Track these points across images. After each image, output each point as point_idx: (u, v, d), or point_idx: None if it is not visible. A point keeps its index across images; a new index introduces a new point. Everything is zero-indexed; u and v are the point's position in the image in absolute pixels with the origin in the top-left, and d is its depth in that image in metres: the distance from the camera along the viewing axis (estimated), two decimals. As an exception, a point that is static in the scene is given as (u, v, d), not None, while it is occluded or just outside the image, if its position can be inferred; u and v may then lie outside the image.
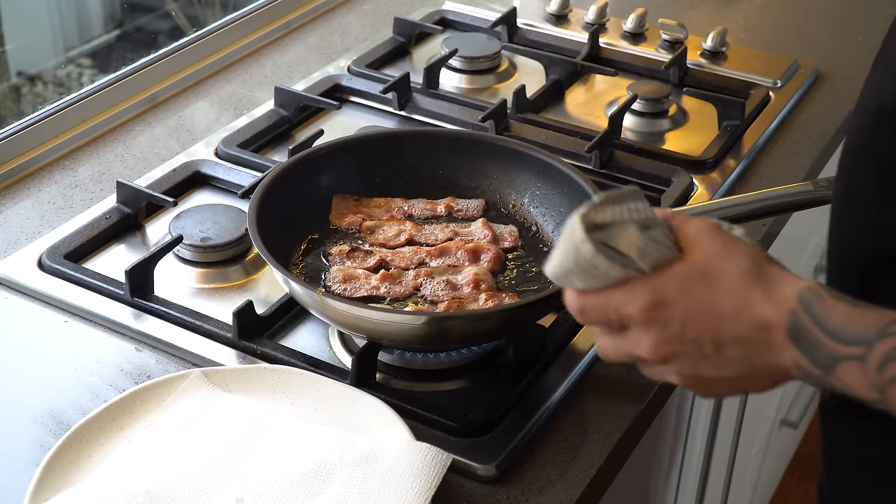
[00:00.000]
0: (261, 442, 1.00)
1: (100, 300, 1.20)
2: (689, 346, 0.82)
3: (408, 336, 1.07)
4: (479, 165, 1.30)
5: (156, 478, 0.96)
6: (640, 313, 0.81)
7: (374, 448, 0.98)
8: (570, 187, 1.23)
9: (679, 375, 0.84)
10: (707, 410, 1.50)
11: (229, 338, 1.15)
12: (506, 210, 1.29)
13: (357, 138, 1.34)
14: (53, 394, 1.10)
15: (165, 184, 1.38)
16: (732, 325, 0.80)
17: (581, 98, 1.65)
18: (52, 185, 1.42)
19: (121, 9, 2.14)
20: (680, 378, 0.84)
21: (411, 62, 1.72)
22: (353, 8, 1.90)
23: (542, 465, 1.04)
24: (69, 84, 1.99)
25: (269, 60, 1.73)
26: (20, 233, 1.33)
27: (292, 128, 1.54)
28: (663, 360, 0.83)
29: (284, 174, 1.22)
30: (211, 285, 1.25)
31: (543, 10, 1.85)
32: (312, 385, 1.07)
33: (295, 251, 1.22)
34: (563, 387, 1.11)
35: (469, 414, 1.06)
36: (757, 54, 1.74)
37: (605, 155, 1.45)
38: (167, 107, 1.60)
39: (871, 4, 1.96)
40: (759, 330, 0.80)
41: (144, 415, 1.04)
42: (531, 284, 1.19)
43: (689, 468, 1.58)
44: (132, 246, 1.31)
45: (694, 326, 0.81)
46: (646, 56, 1.73)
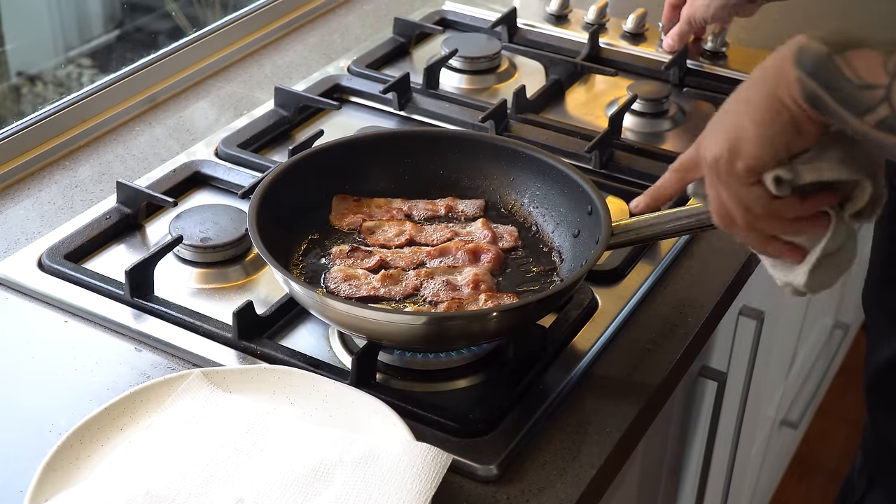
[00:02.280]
0: (261, 442, 1.00)
1: (100, 300, 1.20)
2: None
3: (408, 336, 1.07)
4: (479, 165, 1.30)
5: (156, 478, 0.96)
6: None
7: (374, 448, 0.98)
8: (570, 187, 1.23)
9: None
10: (707, 410, 1.50)
11: (229, 338, 1.15)
12: (506, 210, 1.29)
13: (357, 138, 1.34)
14: (53, 394, 1.10)
15: (165, 184, 1.38)
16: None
17: (581, 98, 1.65)
18: (52, 185, 1.42)
19: (121, 9, 2.14)
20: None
21: (411, 62, 1.72)
22: (353, 8, 1.90)
23: (542, 465, 1.04)
24: (69, 84, 1.99)
25: (269, 60, 1.73)
26: (20, 233, 1.33)
27: (292, 128, 1.54)
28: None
29: (284, 174, 1.22)
30: (211, 285, 1.25)
31: (543, 10, 1.85)
32: (312, 385, 1.07)
33: (295, 251, 1.22)
34: (562, 387, 1.11)
35: (469, 414, 1.06)
36: (757, 54, 1.74)
37: (605, 155, 1.45)
38: (167, 107, 1.60)
39: (871, 4, 1.96)
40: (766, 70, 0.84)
41: (144, 415, 1.04)
42: (531, 284, 1.19)
43: (689, 468, 1.58)
44: (132, 246, 1.31)
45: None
46: (646, 56, 1.73)
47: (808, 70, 0.81)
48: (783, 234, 0.91)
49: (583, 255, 1.17)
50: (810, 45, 0.81)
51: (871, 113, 0.78)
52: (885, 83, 0.78)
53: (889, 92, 0.78)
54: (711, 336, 1.33)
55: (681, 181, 0.96)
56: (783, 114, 0.83)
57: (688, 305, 1.24)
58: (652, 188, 1.00)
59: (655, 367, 1.16)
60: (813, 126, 0.83)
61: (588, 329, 1.18)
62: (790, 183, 0.86)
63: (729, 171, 0.87)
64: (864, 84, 0.79)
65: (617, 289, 1.24)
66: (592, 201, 1.18)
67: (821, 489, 2.62)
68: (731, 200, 0.89)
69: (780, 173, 0.85)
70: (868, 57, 0.79)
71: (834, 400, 2.79)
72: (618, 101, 1.58)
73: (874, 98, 0.78)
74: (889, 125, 0.78)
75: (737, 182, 0.87)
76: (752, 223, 0.90)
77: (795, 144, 0.85)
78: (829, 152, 0.86)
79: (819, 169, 0.86)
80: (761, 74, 0.85)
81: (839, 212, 0.90)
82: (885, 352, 1.19)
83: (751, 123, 0.84)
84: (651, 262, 1.28)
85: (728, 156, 0.86)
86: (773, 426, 2.22)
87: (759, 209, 0.88)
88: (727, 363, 1.56)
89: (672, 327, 1.21)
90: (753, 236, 0.92)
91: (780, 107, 0.83)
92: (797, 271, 0.92)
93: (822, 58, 0.80)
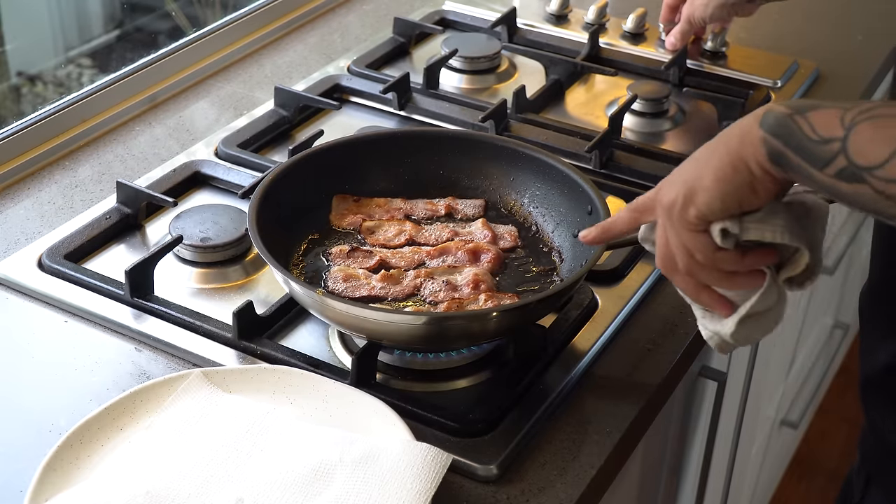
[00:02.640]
0: (261, 442, 1.00)
1: (100, 300, 1.20)
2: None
3: (408, 336, 1.07)
4: (479, 165, 1.30)
5: (156, 478, 0.96)
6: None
7: (374, 448, 0.98)
8: (570, 187, 1.23)
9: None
10: (707, 410, 1.50)
11: (229, 338, 1.15)
12: (506, 210, 1.29)
13: (357, 138, 1.34)
14: (53, 394, 1.10)
15: (165, 184, 1.38)
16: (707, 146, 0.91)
17: (581, 98, 1.65)
18: (52, 185, 1.42)
19: (121, 9, 2.14)
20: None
21: (411, 62, 1.72)
22: (353, 8, 1.90)
23: (542, 465, 1.04)
24: (69, 84, 1.99)
25: (269, 60, 1.73)
26: (20, 233, 1.33)
27: (292, 128, 1.54)
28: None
29: (284, 174, 1.22)
30: (211, 285, 1.25)
31: (543, 10, 1.85)
32: (312, 385, 1.07)
33: (295, 251, 1.22)
34: (562, 387, 1.11)
35: (469, 414, 1.06)
36: (757, 54, 1.74)
37: (605, 155, 1.45)
38: (167, 107, 1.60)
39: (871, 4, 1.96)
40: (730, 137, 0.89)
41: (144, 415, 1.04)
42: (531, 284, 1.19)
43: (689, 468, 1.58)
44: (132, 246, 1.31)
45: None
46: (646, 56, 1.73)
47: (771, 130, 0.86)
48: (720, 286, 0.96)
49: (583, 255, 1.17)
50: (774, 109, 0.86)
51: (830, 165, 0.83)
52: (841, 136, 0.82)
53: (845, 143, 0.82)
54: (711, 336, 1.33)
55: (634, 221, 1.01)
56: (743, 172, 0.88)
57: (688, 305, 1.24)
58: (604, 222, 1.05)
59: (655, 367, 1.16)
60: (770, 187, 0.88)
61: (588, 329, 1.18)
62: (735, 237, 0.91)
63: (681, 216, 0.92)
64: (822, 139, 0.83)
65: (617, 289, 1.24)
66: (592, 201, 1.18)
67: (821, 489, 2.62)
68: (677, 245, 0.94)
69: (728, 226, 0.90)
70: (826, 114, 0.84)
71: (834, 400, 2.79)
72: (618, 101, 1.58)
73: (832, 150, 0.83)
74: (848, 174, 0.82)
75: (685, 228, 0.92)
76: (691, 270, 0.94)
77: (748, 203, 0.89)
78: (777, 217, 0.91)
79: (764, 230, 0.90)
80: (728, 133, 0.90)
81: (774, 273, 0.94)
82: (884, 353, 1.19)
83: (710, 176, 0.89)
84: (651, 262, 1.28)
85: (682, 201, 0.91)
86: (773, 426, 2.22)
87: (702, 257, 0.93)
88: (727, 363, 1.56)
89: (672, 327, 1.21)
90: (691, 283, 0.96)
91: (741, 165, 0.88)
92: (725, 323, 0.97)
93: (783, 118, 0.85)
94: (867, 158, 0.81)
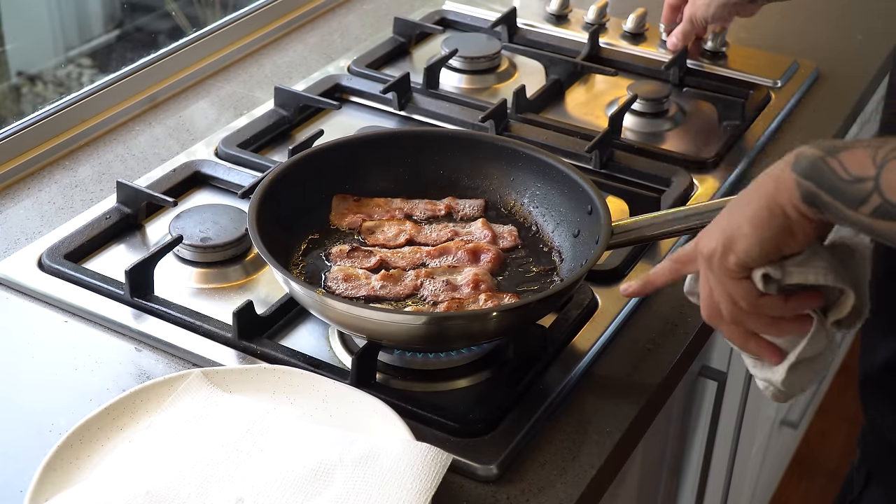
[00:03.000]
0: (261, 442, 1.00)
1: (100, 300, 1.20)
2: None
3: (408, 336, 1.07)
4: (479, 165, 1.30)
5: (156, 478, 0.96)
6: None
7: (374, 448, 0.98)
8: (570, 187, 1.23)
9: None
10: (707, 410, 1.50)
11: (229, 338, 1.15)
12: (506, 210, 1.29)
13: (357, 138, 1.34)
14: (53, 394, 1.10)
15: (165, 184, 1.38)
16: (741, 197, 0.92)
17: (581, 98, 1.65)
18: (52, 185, 1.42)
19: (121, 9, 2.14)
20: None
21: (411, 62, 1.72)
22: (353, 8, 1.90)
23: (542, 465, 1.04)
24: (69, 84, 1.99)
25: (269, 60, 1.73)
26: (20, 233, 1.33)
27: (292, 128, 1.54)
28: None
29: (284, 174, 1.22)
30: (211, 285, 1.25)
31: (543, 10, 1.85)
32: (312, 385, 1.07)
33: (295, 251, 1.22)
34: (562, 387, 1.11)
35: (469, 414, 1.06)
36: (757, 54, 1.74)
37: (605, 155, 1.45)
38: (167, 107, 1.60)
39: (871, 4, 1.96)
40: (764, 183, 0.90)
41: (144, 415, 1.04)
42: (531, 284, 1.19)
43: (689, 468, 1.58)
44: (132, 246, 1.31)
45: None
46: (646, 56, 1.73)
47: (803, 173, 0.86)
48: (768, 333, 0.96)
49: (583, 255, 1.17)
50: (806, 152, 0.87)
51: (865, 204, 0.83)
52: (873, 174, 0.83)
53: (878, 181, 0.82)
54: (711, 336, 1.33)
55: (676, 272, 1.02)
56: (779, 217, 0.88)
57: (688, 305, 1.23)
58: (646, 274, 1.05)
59: (655, 367, 1.16)
60: (808, 229, 0.89)
61: (588, 329, 1.18)
62: (777, 282, 0.91)
63: (721, 264, 0.92)
64: (854, 178, 0.84)
65: (617, 289, 1.24)
66: (592, 201, 1.18)
67: (821, 489, 2.62)
68: (721, 294, 0.94)
69: (769, 271, 0.90)
70: (857, 154, 0.84)
71: (834, 400, 2.79)
72: (618, 100, 1.58)
73: (865, 190, 0.83)
74: (883, 212, 0.83)
75: (727, 276, 0.92)
76: (736, 317, 0.95)
77: (787, 247, 0.90)
78: (819, 259, 0.91)
79: (806, 273, 0.90)
80: (763, 179, 0.90)
81: (821, 317, 0.94)
82: (884, 350, 1.19)
83: (748, 223, 0.90)
84: (651, 262, 1.28)
85: (722, 250, 0.91)
86: (773, 426, 2.22)
87: (746, 304, 0.93)
88: (727, 363, 1.56)
89: (672, 327, 1.21)
90: (737, 332, 0.96)
91: (777, 210, 0.88)
92: (776, 371, 0.97)
93: (815, 160, 0.86)
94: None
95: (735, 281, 0.92)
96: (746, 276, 0.91)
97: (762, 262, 0.90)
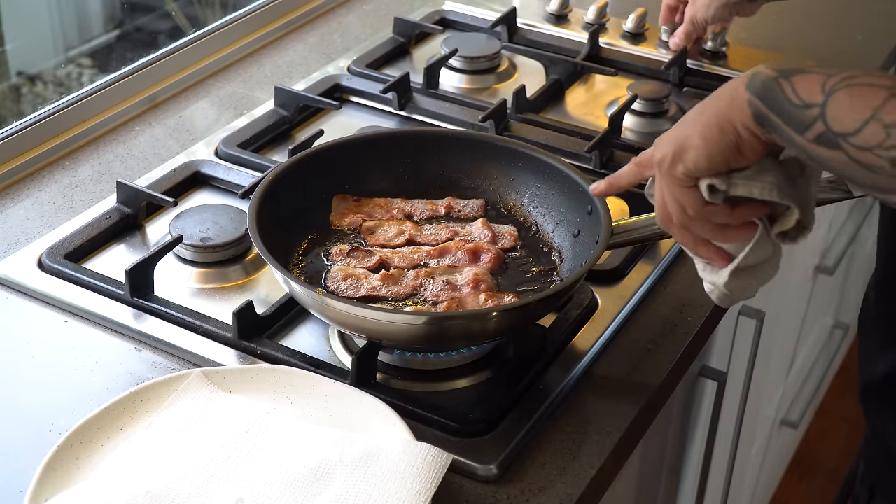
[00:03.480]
0: (261, 442, 1.00)
1: (100, 300, 1.20)
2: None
3: (408, 336, 1.07)
4: (479, 165, 1.30)
5: (156, 478, 0.96)
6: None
7: (374, 448, 0.98)
8: (570, 187, 1.23)
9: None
10: (707, 410, 1.50)
11: (229, 338, 1.15)
12: (506, 210, 1.29)
13: (357, 138, 1.34)
14: (53, 394, 1.10)
15: (165, 184, 1.38)
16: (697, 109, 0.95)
17: (581, 98, 1.65)
18: (52, 185, 1.42)
19: (121, 9, 2.14)
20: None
21: (411, 62, 1.72)
22: (353, 8, 1.90)
23: (542, 465, 1.04)
24: (69, 84, 1.99)
25: (269, 60, 1.73)
26: (20, 233, 1.33)
27: (292, 128, 1.54)
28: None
29: (284, 174, 1.22)
30: (211, 285, 1.25)
31: (543, 10, 1.85)
32: (312, 385, 1.07)
33: (295, 251, 1.22)
34: (562, 387, 1.11)
35: (469, 414, 1.06)
36: (757, 54, 1.74)
37: (605, 155, 1.45)
38: (167, 107, 1.60)
39: (871, 4, 1.96)
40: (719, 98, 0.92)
41: (144, 415, 1.04)
42: (531, 284, 1.19)
43: (689, 468, 1.58)
44: (132, 246, 1.31)
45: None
46: (646, 56, 1.73)
47: (756, 92, 0.88)
48: (714, 238, 0.98)
49: (583, 255, 1.17)
50: (761, 71, 0.89)
51: (810, 129, 0.85)
52: (821, 101, 0.84)
53: (823, 109, 0.84)
54: (711, 336, 1.33)
55: (637, 174, 1.04)
56: (729, 134, 0.91)
57: (688, 305, 1.24)
58: (611, 175, 1.07)
59: (655, 367, 1.16)
60: (756, 147, 0.90)
61: (588, 329, 1.18)
62: (723, 193, 0.94)
63: (670, 172, 0.95)
64: (803, 103, 0.85)
65: (617, 289, 1.24)
66: (592, 201, 1.18)
67: (821, 489, 2.62)
68: (670, 199, 0.97)
69: (715, 182, 0.93)
70: (809, 79, 0.86)
71: (834, 400, 2.79)
72: (618, 100, 1.58)
73: (811, 115, 0.85)
74: (826, 140, 0.84)
75: (675, 183, 0.95)
76: (685, 223, 0.97)
77: (735, 162, 0.92)
78: (766, 174, 0.93)
79: (751, 186, 0.93)
80: (718, 94, 0.93)
81: (767, 226, 0.97)
82: (883, 363, 1.19)
83: (698, 136, 0.92)
84: (651, 262, 1.28)
85: (672, 158, 0.94)
86: (773, 426, 2.22)
87: (692, 211, 0.96)
88: (727, 363, 1.56)
89: (672, 327, 1.21)
90: (687, 236, 0.99)
91: (728, 127, 0.90)
92: (721, 274, 1.00)
93: (768, 81, 0.88)
94: (843, 125, 0.83)
95: (682, 189, 0.95)
96: (693, 184, 0.94)
97: (709, 173, 0.92)
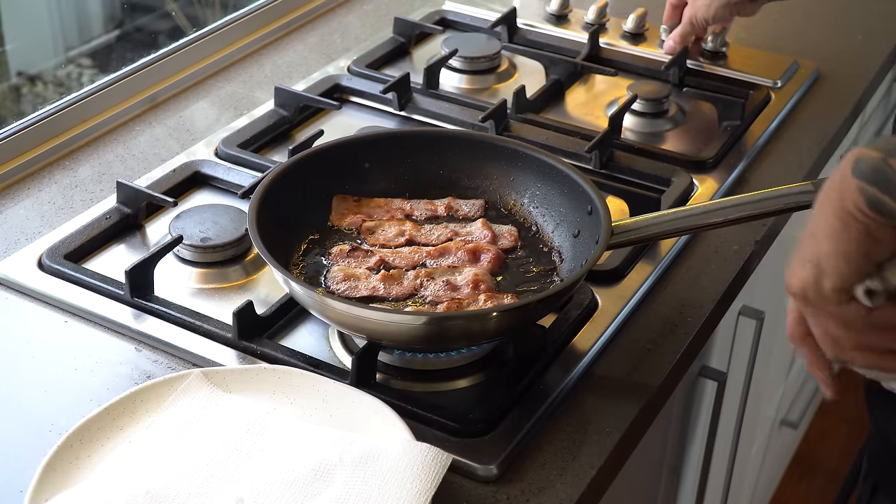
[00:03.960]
0: (261, 442, 1.00)
1: (100, 300, 1.20)
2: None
3: (408, 336, 1.07)
4: (479, 165, 1.30)
5: (156, 478, 0.96)
6: None
7: (374, 448, 0.98)
8: (570, 187, 1.23)
9: None
10: (707, 410, 1.50)
11: (229, 338, 1.15)
12: (506, 210, 1.29)
13: (357, 138, 1.34)
14: (53, 394, 1.10)
15: (165, 184, 1.38)
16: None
17: (581, 98, 1.65)
18: (52, 185, 1.42)
19: (121, 9, 2.14)
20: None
21: (411, 62, 1.72)
22: (353, 8, 1.90)
23: (542, 465, 1.04)
24: (69, 84, 1.99)
25: (269, 60, 1.73)
26: (20, 233, 1.33)
27: (292, 128, 1.54)
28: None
29: (284, 174, 1.22)
30: (211, 285, 1.25)
31: (543, 10, 1.85)
32: (312, 385, 1.07)
33: (295, 251, 1.22)
34: (563, 387, 1.11)
35: (469, 414, 1.06)
36: (757, 54, 1.74)
37: (605, 155, 1.45)
38: (167, 107, 1.60)
39: (871, 4, 1.96)
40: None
41: (144, 415, 1.04)
42: (531, 284, 1.19)
43: (689, 468, 1.58)
44: (132, 246, 1.31)
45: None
46: (646, 56, 1.73)
47: (865, 177, 0.81)
48: (892, 345, 0.88)
49: (583, 255, 1.17)
50: (865, 154, 0.82)
51: None
52: None
53: None
54: (711, 336, 1.33)
55: (801, 321, 0.92)
56: (853, 226, 0.82)
57: (688, 305, 1.24)
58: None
59: (655, 367, 1.16)
60: (889, 231, 0.82)
61: (588, 329, 1.18)
62: (883, 293, 0.85)
63: (818, 295, 0.86)
64: None
65: (617, 289, 1.24)
66: (592, 201, 1.18)
67: (821, 489, 2.62)
68: (831, 325, 0.87)
69: (870, 284, 0.84)
70: None
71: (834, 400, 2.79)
72: (618, 101, 1.58)
73: None
74: None
75: (830, 305, 0.86)
76: (858, 342, 0.88)
77: (875, 253, 0.84)
78: None
79: None
80: (825, 195, 0.84)
81: None
82: None
83: (826, 243, 0.84)
84: (651, 262, 1.28)
85: (813, 281, 0.85)
86: (773, 426, 2.22)
87: (860, 325, 0.86)
88: (727, 363, 1.56)
89: (672, 327, 1.21)
90: (869, 357, 0.89)
91: (849, 219, 0.82)
92: None
93: (877, 162, 0.81)
94: None
95: (840, 307, 0.85)
96: (849, 298, 0.85)
97: (858, 277, 0.84)
